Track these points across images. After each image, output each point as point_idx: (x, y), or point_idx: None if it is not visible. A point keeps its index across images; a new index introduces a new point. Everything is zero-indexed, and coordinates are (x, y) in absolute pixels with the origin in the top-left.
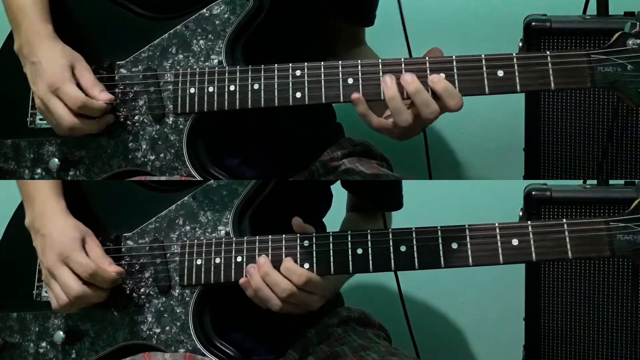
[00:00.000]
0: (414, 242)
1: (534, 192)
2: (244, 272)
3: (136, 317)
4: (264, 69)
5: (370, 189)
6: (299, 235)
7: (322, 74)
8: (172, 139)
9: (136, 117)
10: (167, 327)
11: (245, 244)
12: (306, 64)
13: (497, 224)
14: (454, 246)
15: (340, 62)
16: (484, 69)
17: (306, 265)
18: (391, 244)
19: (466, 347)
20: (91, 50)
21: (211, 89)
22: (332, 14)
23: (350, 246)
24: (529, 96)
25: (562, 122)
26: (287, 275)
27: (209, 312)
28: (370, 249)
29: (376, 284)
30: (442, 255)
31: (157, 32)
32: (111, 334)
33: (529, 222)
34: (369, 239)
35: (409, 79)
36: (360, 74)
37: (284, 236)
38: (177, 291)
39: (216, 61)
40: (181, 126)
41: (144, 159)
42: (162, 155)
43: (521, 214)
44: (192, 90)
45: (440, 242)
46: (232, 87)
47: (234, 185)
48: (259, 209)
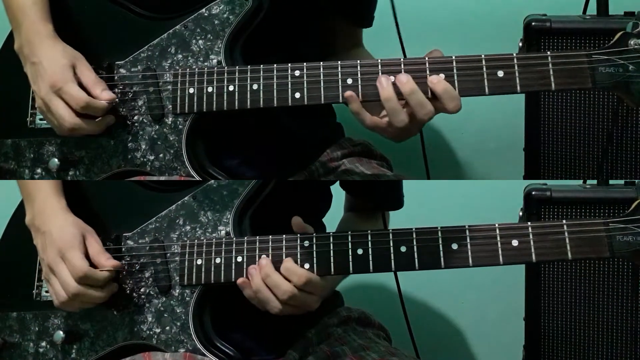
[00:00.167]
0: (414, 243)
1: (534, 192)
2: (244, 272)
3: (136, 317)
4: (263, 69)
5: (370, 188)
6: (299, 235)
7: (321, 74)
8: (171, 139)
9: (135, 117)
10: (167, 327)
11: (245, 244)
12: (305, 64)
13: (497, 225)
14: (454, 247)
15: (339, 62)
16: (484, 70)
17: (306, 265)
18: (391, 245)
19: (466, 347)
20: (90, 50)
21: (210, 89)
22: (332, 15)
23: (350, 246)
24: (529, 96)
25: (562, 122)
26: (287, 275)
27: (209, 312)
28: (370, 250)
29: (376, 284)
30: (442, 255)
31: (156, 32)
32: (111, 334)
33: (529, 223)
34: (369, 239)
35: (404, 80)
36: (359, 74)
37: (284, 236)
38: (177, 291)
39: (215, 61)
40: (180, 126)
41: (144, 159)
42: (161, 155)
43: (521, 214)
44: (191, 90)
45: (440, 242)
46: (231, 87)
47: (234, 185)
48: (260, 209)
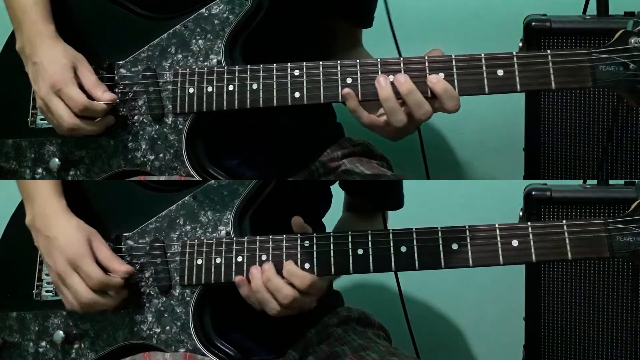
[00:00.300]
0: (414, 243)
1: (534, 192)
2: (245, 272)
3: (136, 316)
4: (263, 69)
5: (370, 188)
6: (299, 235)
7: (321, 73)
8: (171, 138)
9: (136, 117)
10: (167, 327)
11: (245, 244)
12: (305, 63)
13: (497, 225)
14: (454, 247)
15: (339, 61)
16: (484, 69)
17: (307, 265)
18: (391, 245)
19: (466, 347)
20: (91, 50)
21: (210, 89)
22: (331, 15)
23: (350, 246)
24: (529, 96)
25: (562, 122)
26: (289, 278)
27: (209, 312)
28: (370, 250)
29: (376, 284)
30: (442, 255)
31: (156, 32)
32: (111, 334)
33: (529, 223)
34: (370, 239)
35: (402, 80)
36: (359, 74)
37: (284, 236)
38: (178, 291)
39: (215, 61)
40: (180, 126)
41: (144, 158)
42: (161, 155)
43: (521, 214)
44: (191, 90)
45: (440, 242)
46: (230, 87)
47: (234, 185)
48: (260, 209)
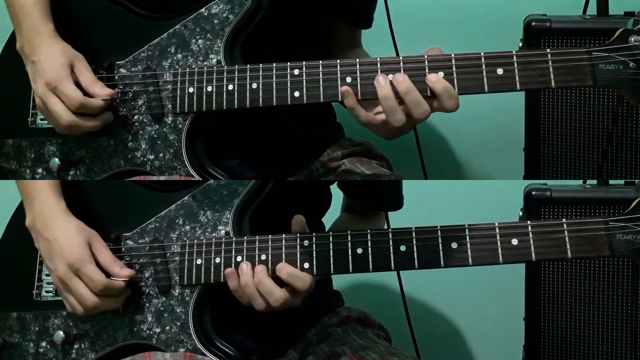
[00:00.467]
0: (414, 242)
1: (534, 192)
2: None
3: (136, 316)
4: (263, 68)
5: (370, 190)
6: (299, 235)
7: (321, 73)
8: (171, 138)
9: (135, 117)
10: (167, 327)
11: (245, 243)
12: (304, 63)
13: (496, 224)
14: (454, 246)
15: (338, 61)
16: (483, 67)
17: (306, 265)
18: (391, 244)
19: (466, 347)
20: (91, 50)
21: (210, 89)
22: (331, 15)
23: (350, 246)
24: (529, 96)
25: (562, 122)
26: (291, 281)
27: (209, 311)
28: (370, 249)
29: (376, 284)
30: (442, 255)
31: (156, 32)
32: (111, 334)
33: (529, 222)
34: (369, 238)
35: (400, 79)
36: (358, 73)
37: (283, 236)
38: (177, 291)
39: (215, 60)
40: (180, 126)
41: (144, 158)
42: (161, 154)
43: (521, 214)
44: (191, 89)
45: (440, 241)
46: (230, 87)
47: (233, 185)
48: (259, 209)
